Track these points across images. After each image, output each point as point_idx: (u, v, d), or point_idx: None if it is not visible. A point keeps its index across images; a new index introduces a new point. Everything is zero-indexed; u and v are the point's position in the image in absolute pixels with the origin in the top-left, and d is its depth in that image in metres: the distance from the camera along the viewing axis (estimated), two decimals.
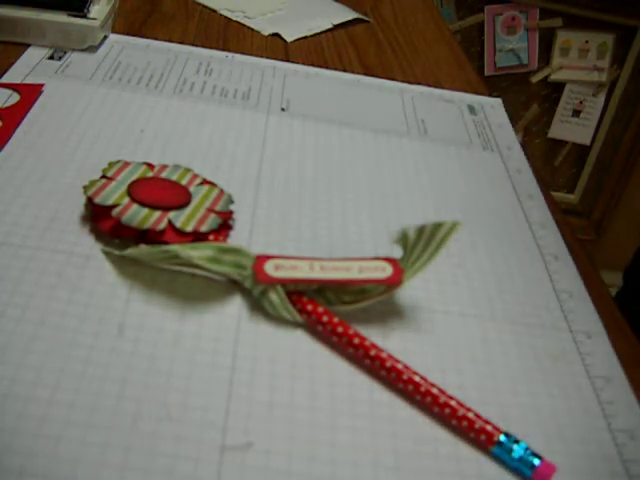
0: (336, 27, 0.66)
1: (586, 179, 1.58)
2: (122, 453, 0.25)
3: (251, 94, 0.51)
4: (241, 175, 0.42)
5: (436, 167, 0.47)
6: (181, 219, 0.34)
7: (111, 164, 0.37)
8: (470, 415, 0.29)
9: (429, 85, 0.58)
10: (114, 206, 0.34)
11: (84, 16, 0.51)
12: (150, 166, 0.38)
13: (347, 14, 0.68)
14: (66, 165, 0.39)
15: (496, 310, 0.36)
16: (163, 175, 0.37)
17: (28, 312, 0.30)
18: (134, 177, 0.36)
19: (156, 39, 0.56)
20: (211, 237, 0.35)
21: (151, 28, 0.59)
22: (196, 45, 0.57)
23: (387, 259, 0.33)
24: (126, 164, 0.37)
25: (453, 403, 0.29)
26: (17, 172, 0.38)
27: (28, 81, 0.46)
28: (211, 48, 0.57)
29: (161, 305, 0.32)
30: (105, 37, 0.54)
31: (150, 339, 0.30)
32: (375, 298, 0.33)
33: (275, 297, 0.32)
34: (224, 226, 0.36)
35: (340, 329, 0.31)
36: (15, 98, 0.44)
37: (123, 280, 0.32)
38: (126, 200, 0.34)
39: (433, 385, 0.29)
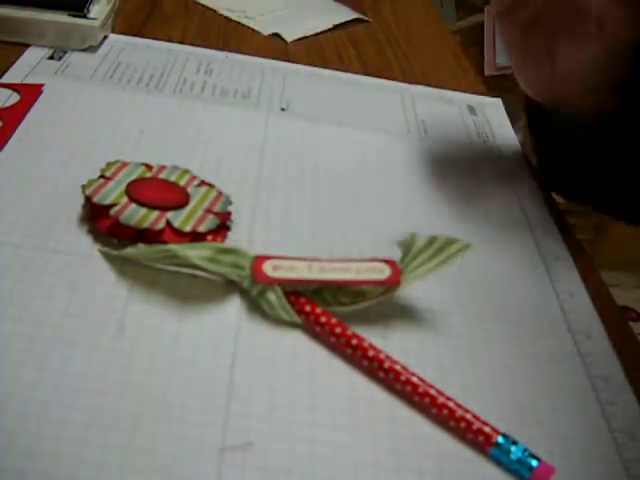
0: (336, 27, 0.66)
1: None
2: (122, 453, 0.25)
3: (251, 94, 0.51)
4: (241, 175, 0.41)
5: (436, 167, 0.47)
6: (179, 219, 0.34)
7: (109, 164, 0.37)
8: (468, 416, 0.28)
9: (429, 85, 0.58)
10: (112, 205, 0.34)
11: (84, 16, 0.51)
12: (148, 167, 0.38)
13: (347, 14, 0.68)
14: (66, 165, 0.39)
15: (496, 310, 0.36)
16: (161, 176, 0.37)
17: (28, 312, 0.30)
18: (132, 177, 0.36)
19: (156, 39, 0.56)
20: (209, 237, 0.35)
21: (151, 28, 0.59)
22: (196, 45, 0.57)
23: (385, 260, 0.33)
24: (124, 164, 0.37)
25: (451, 404, 0.29)
26: (17, 172, 0.38)
27: (28, 81, 0.46)
28: (211, 48, 0.56)
29: (161, 305, 0.32)
30: (105, 37, 0.54)
31: (150, 339, 0.30)
32: (373, 299, 0.33)
33: (273, 297, 0.32)
34: (222, 227, 0.36)
35: (338, 330, 0.31)
36: (15, 98, 0.44)
37: (123, 280, 0.32)
38: (124, 199, 0.34)
39: (431, 386, 0.29)
